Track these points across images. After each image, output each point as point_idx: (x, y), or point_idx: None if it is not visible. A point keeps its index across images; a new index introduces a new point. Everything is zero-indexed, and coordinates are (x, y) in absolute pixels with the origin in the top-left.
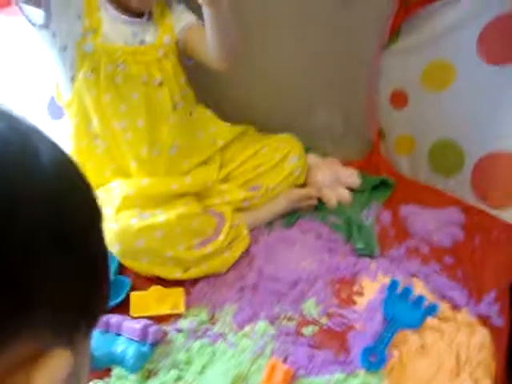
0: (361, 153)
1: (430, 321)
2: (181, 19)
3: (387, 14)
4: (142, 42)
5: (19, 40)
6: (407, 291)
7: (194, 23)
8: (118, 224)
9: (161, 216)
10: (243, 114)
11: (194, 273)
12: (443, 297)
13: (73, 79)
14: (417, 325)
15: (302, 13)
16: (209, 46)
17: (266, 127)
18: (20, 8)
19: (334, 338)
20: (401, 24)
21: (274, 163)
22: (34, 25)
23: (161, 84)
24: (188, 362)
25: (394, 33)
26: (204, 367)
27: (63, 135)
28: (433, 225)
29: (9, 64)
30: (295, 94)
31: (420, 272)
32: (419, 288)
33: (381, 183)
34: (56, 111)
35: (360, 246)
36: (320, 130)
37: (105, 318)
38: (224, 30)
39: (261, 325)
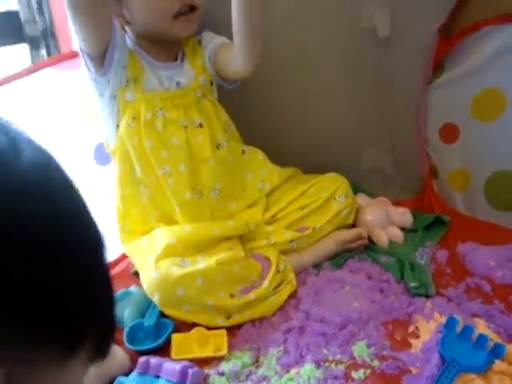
0: (412, 192)
1: (498, 364)
2: (210, 44)
3: (428, 50)
4: (179, 84)
5: (68, 92)
6: (468, 330)
7: (222, 41)
8: (157, 272)
9: (201, 263)
10: (289, 156)
11: (236, 320)
12: (511, 338)
13: (118, 127)
14: (481, 367)
15: (342, 54)
16: (234, 45)
17: (313, 168)
18: (83, 57)
19: (388, 382)
20: (443, 57)
21: (321, 203)
22: (92, 72)
23: (201, 125)
24: None
25: (438, 67)
26: None
27: (110, 181)
28: (494, 262)
29: (58, 114)
30: (342, 134)
31: (482, 311)
32: (482, 328)
33: (435, 221)
34: (103, 157)
35: (413, 284)
36: (369, 170)
37: (144, 358)
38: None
39: (307, 368)
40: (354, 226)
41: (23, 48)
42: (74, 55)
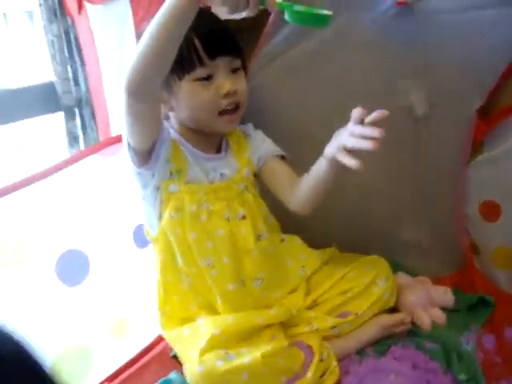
0: (452, 267)
1: None
2: (260, 148)
3: (466, 129)
4: (222, 176)
5: (109, 177)
6: None
7: (274, 153)
8: (202, 366)
9: (246, 356)
10: (325, 238)
11: None
12: None
13: (160, 217)
14: None
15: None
16: (297, 190)
17: (351, 244)
18: (128, 152)
19: None
20: (483, 137)
21: (362, 288)
22: (136, 166)
23: (244, 218)
24: None
25: (478, 145)
26: None
27: (148, 263)
28: None
29: (100, 198)
30: (380, 210)
31: None
32: None
33: (478, 301)
34: (142, 240)
35: (463, 377)
36: (408, 246)
37: None
38: (329, 184)
39: None
40: (395, 307)
41: (59, 116)
42: (114, 141)
